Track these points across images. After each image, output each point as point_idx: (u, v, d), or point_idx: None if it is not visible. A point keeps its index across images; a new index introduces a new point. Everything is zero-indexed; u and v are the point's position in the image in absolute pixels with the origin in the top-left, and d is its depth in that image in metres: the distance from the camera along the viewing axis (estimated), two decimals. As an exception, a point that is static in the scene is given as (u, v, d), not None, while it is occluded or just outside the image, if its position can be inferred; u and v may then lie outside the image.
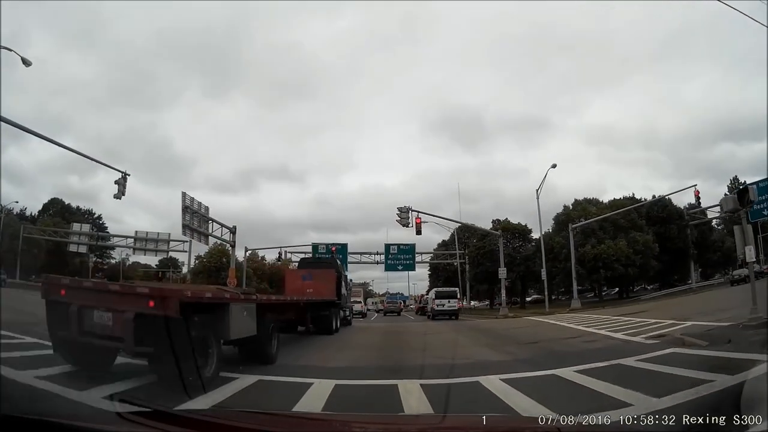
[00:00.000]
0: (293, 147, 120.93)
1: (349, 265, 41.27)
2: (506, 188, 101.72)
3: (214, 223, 36.62)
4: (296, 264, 31.87)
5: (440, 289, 35.63)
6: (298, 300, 13.09)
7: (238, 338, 7.37)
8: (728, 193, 29.95)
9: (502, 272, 33.62)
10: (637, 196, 46.40)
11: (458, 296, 33.59)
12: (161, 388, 5.79)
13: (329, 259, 24.72)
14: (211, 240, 38.05)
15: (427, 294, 42.79)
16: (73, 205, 60.04)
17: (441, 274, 54.32)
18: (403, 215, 30.03)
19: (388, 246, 42.05)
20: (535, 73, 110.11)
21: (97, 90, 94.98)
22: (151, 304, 5.84)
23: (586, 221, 37.79)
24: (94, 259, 61.88)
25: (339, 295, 17.89)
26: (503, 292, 35.27)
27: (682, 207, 44.22)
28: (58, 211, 56.47)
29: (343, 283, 20.31)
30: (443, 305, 30.74)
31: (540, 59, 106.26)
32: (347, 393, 6.24)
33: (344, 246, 41.58)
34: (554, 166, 33.43)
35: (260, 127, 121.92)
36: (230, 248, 38.90)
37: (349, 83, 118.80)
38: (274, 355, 8.79)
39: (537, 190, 34.24)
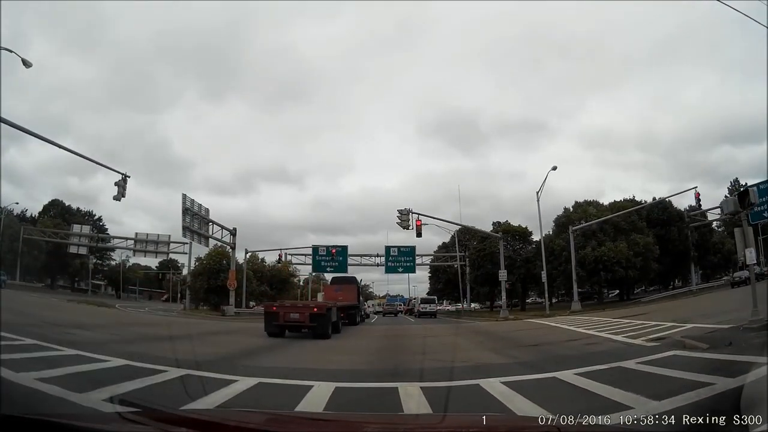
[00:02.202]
0: (292, 149, 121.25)
1: (349, 267, 41.50)
2: (505, 191, 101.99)
3: (214, 225, 36.71)
4: (297, 268, 50.12)
5: (424, 297, 49.51)
6: (344, 305, 20.92)
7: (333, 321, 16.37)
8: (728, 195, 29.91)
9: (503, 275, 33.65)
10: (637, 199, 46.42)
11: (436, 302, 45.77)
12: (168, 387, 5.97)
13: (352, 278, 32.30)
14: (211, 242, 38.23)
15: (414, 299, 53.94)
16: (74, 206, 60.09)
17: (441, 277, 54.06)
18: (404, 218, 30.04)
19: (388, 248, 41.91)
20: (533, 75, 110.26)
21: (97, 91, 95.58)
22: (315, 309, 15.41)
23: (587, 223, 37.74)
24: (94, 260, 61.90)
25: (359, 301, 27.22)
26: (504, 294, 35.30)
27: (682, 209, 44.19)
28: (58, 213, 56.44)
29: (360, 293, 29.15)
30: (426, 308, 41.08)
31: (537, 61, 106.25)
32: (347, 396, 6.22)
33: (344, 248, 41.49)
34: (555, 168, 33.65)
35: (259, 129, 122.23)
36: (230, 250, 38.93)
37: (346, 85, 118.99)
38: (340, 329, 17.75)
39: (537, 193, 34.36)
